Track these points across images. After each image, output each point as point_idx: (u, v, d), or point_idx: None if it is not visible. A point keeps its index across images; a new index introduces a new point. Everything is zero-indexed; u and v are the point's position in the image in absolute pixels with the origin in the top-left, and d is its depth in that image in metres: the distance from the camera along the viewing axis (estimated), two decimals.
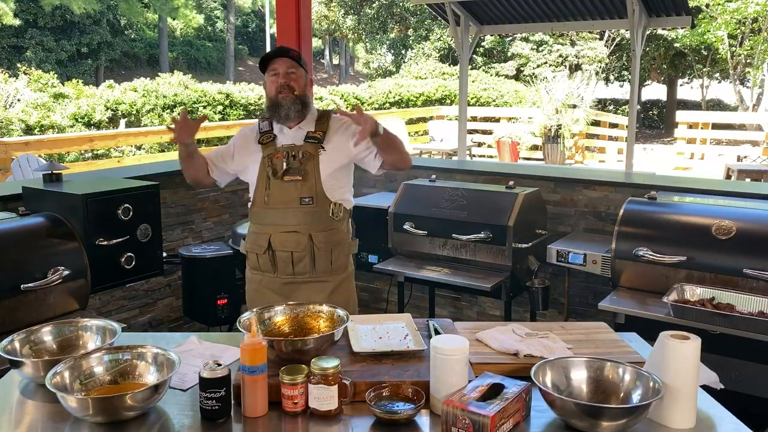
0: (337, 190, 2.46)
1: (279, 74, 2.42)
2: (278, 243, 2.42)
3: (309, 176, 2.39)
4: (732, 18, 15.18)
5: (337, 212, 2.45)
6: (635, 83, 6.52)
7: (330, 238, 2.44)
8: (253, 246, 2.49)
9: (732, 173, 8.79)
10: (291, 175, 2.39)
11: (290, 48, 2.51)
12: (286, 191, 2.40)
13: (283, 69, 2.42)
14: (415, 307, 4.44)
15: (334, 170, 2.44)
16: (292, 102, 2.41)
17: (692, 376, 1.49)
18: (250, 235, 2.53)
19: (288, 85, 2.40)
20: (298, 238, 2.40)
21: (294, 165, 2.39)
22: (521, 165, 9.04)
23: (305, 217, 2.40)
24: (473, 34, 7.03)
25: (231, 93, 13.89)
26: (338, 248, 2.47)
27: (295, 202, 2.39)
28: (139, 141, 10.52)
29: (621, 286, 3.03)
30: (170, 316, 4.10)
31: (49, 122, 11.47)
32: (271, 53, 2.48)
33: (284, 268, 2.44)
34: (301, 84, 2.45)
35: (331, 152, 2.43)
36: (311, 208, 2.40)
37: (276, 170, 2.40)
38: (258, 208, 2.46)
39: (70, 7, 22.91)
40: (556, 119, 11.84)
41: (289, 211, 2.40)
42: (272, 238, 2.42)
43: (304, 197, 2.39)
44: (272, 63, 2.44)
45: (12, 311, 2.42)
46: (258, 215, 2.48)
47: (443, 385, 1.51)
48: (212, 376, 1.49)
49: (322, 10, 21.43)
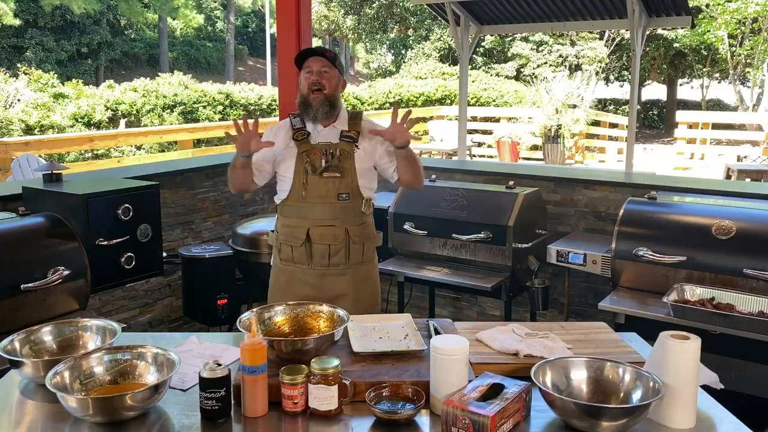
0: (367, 187, 2.56)
1: (313, 71, 2.48)
2: (317, 236, 2.50)
3: (346, 173, 2.49)
4: (732, 18, 15.17)
5: (367, 207, 2.57)
6: (635, 83, 6.52)
7: (362, 232, 2.55)
8: (289, 238, 2.55)
9: (732, 173, 8.79)
10: (330, 171, 2.48)
11: (327, 48, 2.60)
12: (324, 187, 2.48)
13: (317, 67, 2.48)
14: (415, 307, 4.44)
15: (366, 169, 2.55)
16: (321, 103, 2.47)
17: (692, 376, 1.49)
18: (284, 228, 2.58)
19: (320, 83, 2.46)
20: (335, 231, 2.50)
21: (333, 162, 2.48)
22: (521, 165, 9.04)
23: (341, 211, 2.50)
24: (473, 34, 7.04)
25: (231, 93, 13.89)
26: (369, 241, 2.59)
27: (332, 197, 2.48)
28: (139, 141, 10.53)
29: (621, 286, 3.03)
30: (170, 316, 4.10)
31: (49, 122, 11.47)
32: (307, 50, 2.54)
33: (320, 260, 2.51)
34: (333, 84, 2.51)
35: (363, 152, 2.54)
36: (347, 204, 2.50)
37: (315, 166, 2.48)
38: (294, 202, 2.53)
39: (70, 7, 22.91)
40: (556, 119, 11.84)
41: (326, 206, 2.49)
42: (311, 231, 2.50)
43: (342, 193, 2.49)
44: (308, 60, 2.50)
45: (12, 311, 2.42)
46: (293, 209, 2.54)
47: (443, 385, 1.51)
48: (212, 376, 1.49)
49: (322, 10, 21.42)
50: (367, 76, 25.53)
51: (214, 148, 11.14)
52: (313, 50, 2.53)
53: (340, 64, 2.57)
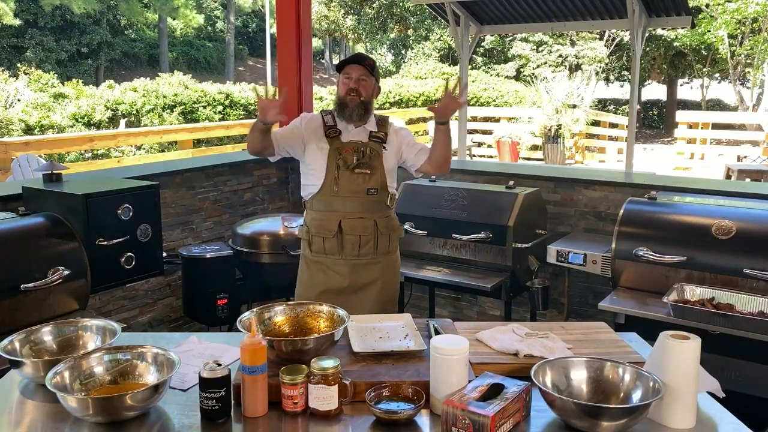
0: (392, 183, 2.76)
1: (351, 78, 2.67)
2: (348, 227, 2.66)
3: (375, 170, 2.68)
4: (732, 18, 15.17)
5: (392, 201, 2.77)
6: (635, 83, 6.51)
7: (388, 223, 2.74)
8: (321, 230, 2.70)
9: (732, 173, 8.79)
10: (361, 168, 2.66)
11: (367, 56, 2.76)
12: (355, 182, 2.66)
13: (356, 74, 2.67)
14: (415, 307, 4.44)
15: (392, 167, 2.76)
16: (357, 105, 2.66)
17: (692, 376, 1.49)
18: (315, 221, 2.72)
19: (357, 89, 2.66)
20: (365, 223, 2.67)
21: (364, 160, 2.66)
22: (521, 165, 9.04)
23: (371, 205, 2.68)
24: (473, 34, 7.03)
25: (231, 93, 13.89)
26: (395, 232, 2.78)
27: (362, 192, 2.66)
28: (139, 141, 10.53)
29: (621, 286, 3.03)
30: (170, 316, 4.09)
31: (49, 122, 11.47)
32: (350, 59, 2.73)
33: (351, 250, 2.67)
34: (369, 91, 2.70)
35: (390, 152, 2.74)
36: (375, 198, 2.68)
37: (347, 163, 2.65)
38: (325, 195, 2.68)
39: (70, 7, 22.91)
40: (556, 119, 11.84)
41: (356, 200, 2.66)
42: (342, 223, 2.66)
43: (371, 188, 2.67)
44: (348, 67, 2.69)
45: (12, 311, 2.42)
46: (324, 202, 2.69)
47: (443, 385, 1.51)
48: (212, 376, 1.49)
49: (322, 10, 21.41)
50: None
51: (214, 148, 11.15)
52: (354, 58, 2.71)
53: (377, 72, 2.75)
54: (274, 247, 3.63)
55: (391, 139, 2.77)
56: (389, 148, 2.75)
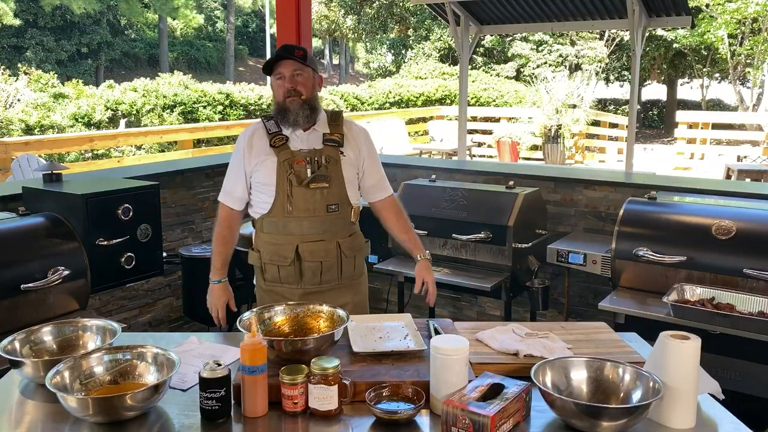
0: (354, 194, 2.39)
1: (284, 77, 2.27)
2: (307, 253, 2.30)
3: (334, 182, 2.29)
4: (732, 18, 15.17)
5: (355, 216, 2.41)
6: (635, 83, 6.52)
7: (353, 244, 2.39)
8: (275, 257, 2.34)
9: (732, 173, 8.79)
10: (317, 182, 2.27)
11: (294, 46, 2.31)
12: (312, 199, 2.27)
13: (289, 72, 2.27)
14: (415, 307, 4.44)
15: (353, 175, 2.37)
16: (299, 107, 2.26)
17: (692, 376, 1.49)
18: (268, 246, 2.35)
19: (295, 89, 2.26)
20: (326, 246, 2.31)
21: (320, 171, 2.27)
22: (521, 165, 9.04)
23: (331, 224, 2.31)
24: (473, 34, 7.04)
25: (231, 93, 13.88)
26: (360, 253, 2.44)
27: (321, 210, 2.28)
28: (139, 141, 10.52)
29: (621, 286, 3.03)
30: (170, 316, 4.10)
31: (49, 122, 11.47)
32: (274, 57, 2.31)
33: (311, 278, 2.32)
34: (309, 86, 2.30)
35: (349, 157, 2.35)
36: (337, 215, 2.31)
37: (300, 177, 2.26)
38: (276, 217, 2.31)
39: (70, 7, 22.92)
40: (556, 119, 11.84)
41: (315, 220, 2.29)
42: (300, 248, 2.30)
43: (331, 204, 2.29)
44: (277, 66, 2.28)
45: (12, 311, 2.42)
46: (277, 225, 2.32)
47: (443, 385, 1.51)
48: (212, 376, 1.49)
49: (322, 10, 21.41)
50: (367, 76, 25.53)
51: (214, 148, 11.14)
52: (280, 54, 2.29)
53: (312, 60, 2.33)
54: None
55: (348, 140, 2.36)
56: (348, 152, 2.34)
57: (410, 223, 2.54)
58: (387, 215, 2.51)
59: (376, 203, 2.50)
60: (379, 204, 2.50)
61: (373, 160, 2.43)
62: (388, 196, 2.51)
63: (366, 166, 2.42)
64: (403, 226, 2.51)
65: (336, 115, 2.40)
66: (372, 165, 2.43)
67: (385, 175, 2.50)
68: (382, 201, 2.50)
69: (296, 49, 2.29)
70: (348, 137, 2.37)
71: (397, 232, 2.52)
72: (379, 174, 2.46)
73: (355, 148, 2.38)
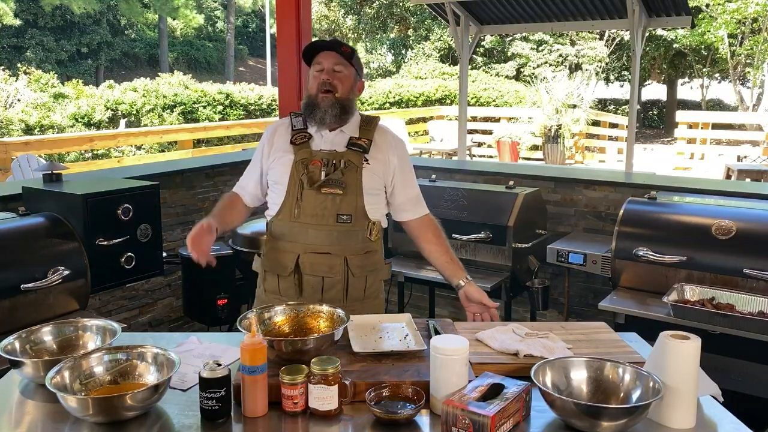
0: (376, 207, 2.15)
1: (323, 69, 2.08)
2: (308, 266, 2.10)
3: (350, 190, 2.07)
4: (732, 18, 15.18)
5: (375, 232, 2.16)
6: (635, 83, 6.52)
7: (365, 262, 2.15)
8: (275, 266, 2.15)
9: (732, 173, 8.79)
10: (330, 186, 2.05)
11: (343, 42, 2.14)
12: (322, 205, 2.07)
13: (329, 64, 2.08)
14: (415, 307, 4.44)
15: (376, 187, 2.13)
16: (330, 105, 2.07)
17: (692, 376, 1.49)
18: (270, 252, 2.18)
19: (331, 83, 2.07)
20: (331, 261, 2.09)
21: (334, 175, 2.06)
22: (521, 165, 9.05)
23: (340, 236, 2.08)
24: (473, 34, 7.04)
25: (231, 93, 13.90)
26: (373, 274, 2.20)
27: (330, 218, 2.07)
28: (139, 141, 10.53)
29: (621, 286, 3.03)
30: (170, 316, 4.10)
31: (49, 122, 11.48)
32: (318, 43, 2.12)
33: (312, 294, 2.11)
34: (347, 85, 2.10)
35: (375, 166, 2.12)
36: (348, 227, 2.08)
37: (313, 179, 2.06)
38: (283, 221, 2.12)
39: (70, 7, 22.93)
40: (556, 119, 11.85)
41: (322, 229, 2.07)
42: (301, 259, 2.09)
43: (342, 214, 2.07)
44: (318, 55, 2.09)
45: (12, 311, 2.42)
46: (281, 229, 2.13)
47: (443, 385, 1.51)
48: (212, 376, 1.48)
49: (322, 10, 21.42)
50: (367, 76, 25.53)
51: (214, 148, 11.16)
52: (325, 43, 2.11)
53: (358, 62, 2.16)
54: None
55: (378, 147, 2.14)
56: (374, 160, 2.12)
57: (449, 245, 2.27)
58: (423, 236, 2.26)
59: (409, 222, 2.26)
60: (413, 223, 2.26)
61: (406, 174, 2.21)
62: (424, 215, 2.27)
63: (397, 180, 2.19)
64: (441, 248, 2.24)
65: (370, 120, 2.19)
66: (404, 179, 2.20)
67: (420, 192, 2.27)
68: (417, 220, 2.26)
69: (344, 45, 2.12)
70: (378, 144, 2.15)
71: (435, 255, 2.24)
72: (412, 190, 2.23)
73: (385, 157, 2.15)
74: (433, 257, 2.25)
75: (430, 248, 2.25)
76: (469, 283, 2.18)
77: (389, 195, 2.21)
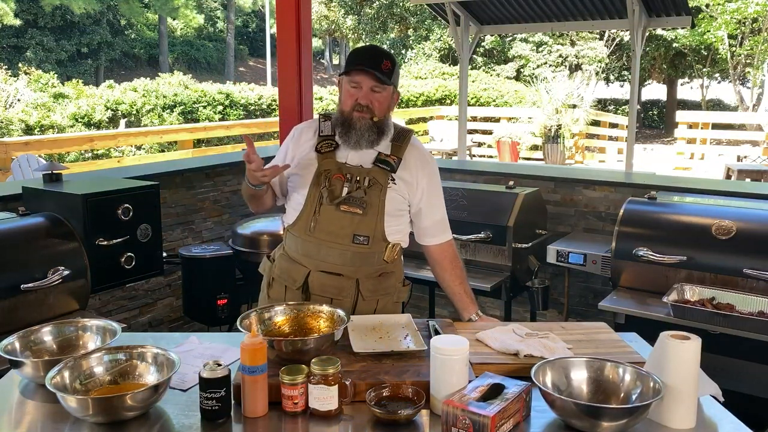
0: (397, 229, 2.05)
1: (361, 88, 1.96)
2: (317, 285, 2.01)
3: (370, 210, 1.96)
4: (732, 18, 15.18)
5: (392, 255, 2.06)
6: (635, 83, 6.52)
7: (378, 286, 2.05)
8: (285, 277, 2.08)
9: (732, 173, 8.80)
10: (349, 204, 1.95)
11: (383, 54, 1.98)
12: (339, 223, 1.96)
13: (368, 86, 1.95)
14: (415, 307, 4.44)
15: (400, 207, 2.03)
16: (367, 128, 1.96)
17: (692, 376, 1.49)
18: (282, 262, 2.10)
19: (368, 107, 1.95)
20: (342, 283, 2.01)
21: (356, 193, 1.95)
22: (521, 165, 9.05)
23: (354, 258, 1.99)
24: (473, 34, 7.04)
25: (231, 93, 13.90)
26: (386, 297, 2.08)
27: (346, 238, 1.97)
28: (139, 141, 10.53)
29: (621, 286, 3.03)
30: (170, 316, 4.10)
31: (49, 122, 11.47)
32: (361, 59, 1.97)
33: None
34: (385, 105, 1.99)
35: (401, 186, 2.01)
36: (364, 249, 1.99)
37: (333, 194, 1.96)
38: (298, 233, 2.03)
39: (70, 7, 22.93)
40: (556, 119, 11.85)
41: (335, 248, 1.98)
42: (311, 277, 2.02)
43: (359, 235, 1.97)
44: (356, 74, 1.96)
45: (12, 311, 2.42)
46: (295, 241, 2.05)
47: (443, 385, 1.51)
48: (212, 376, 1.48)
49: (322, 10, 21.41)
50: None
51: (214, 148, 11.15)
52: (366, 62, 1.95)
53: (397, 75, 2.02)
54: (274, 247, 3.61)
55: (407, 166, 2.02)
56: (401, 180, 2.01)
57: (465, 275, 2.19)
58: (440, 263, 2.18)
59: (431, 248, 2.17)
60: (435, 249, 2.17)
61: (434, 197, 2.10)
62: (446, 242, 2.18)
63: (424, 203, 2.08)
64: (457, 276, 2.17)
65: (403, 135, 2.05)
66: (432, 203, 2.10)
67: (445, 214, 2.17)
68: (439, 246, 2.16)
69: (385, 59, 1.96)
70: (408, 163, 2.03)
71: (448, 282, 2.17)
72: (438, 214, 2.13)
73: (413, 178, 2.04)
74: (447, 285, 2.19)
75: (444, 276, 2.19)
76: (481, 319, 2.14)
77: (413, 215, 2.12)
